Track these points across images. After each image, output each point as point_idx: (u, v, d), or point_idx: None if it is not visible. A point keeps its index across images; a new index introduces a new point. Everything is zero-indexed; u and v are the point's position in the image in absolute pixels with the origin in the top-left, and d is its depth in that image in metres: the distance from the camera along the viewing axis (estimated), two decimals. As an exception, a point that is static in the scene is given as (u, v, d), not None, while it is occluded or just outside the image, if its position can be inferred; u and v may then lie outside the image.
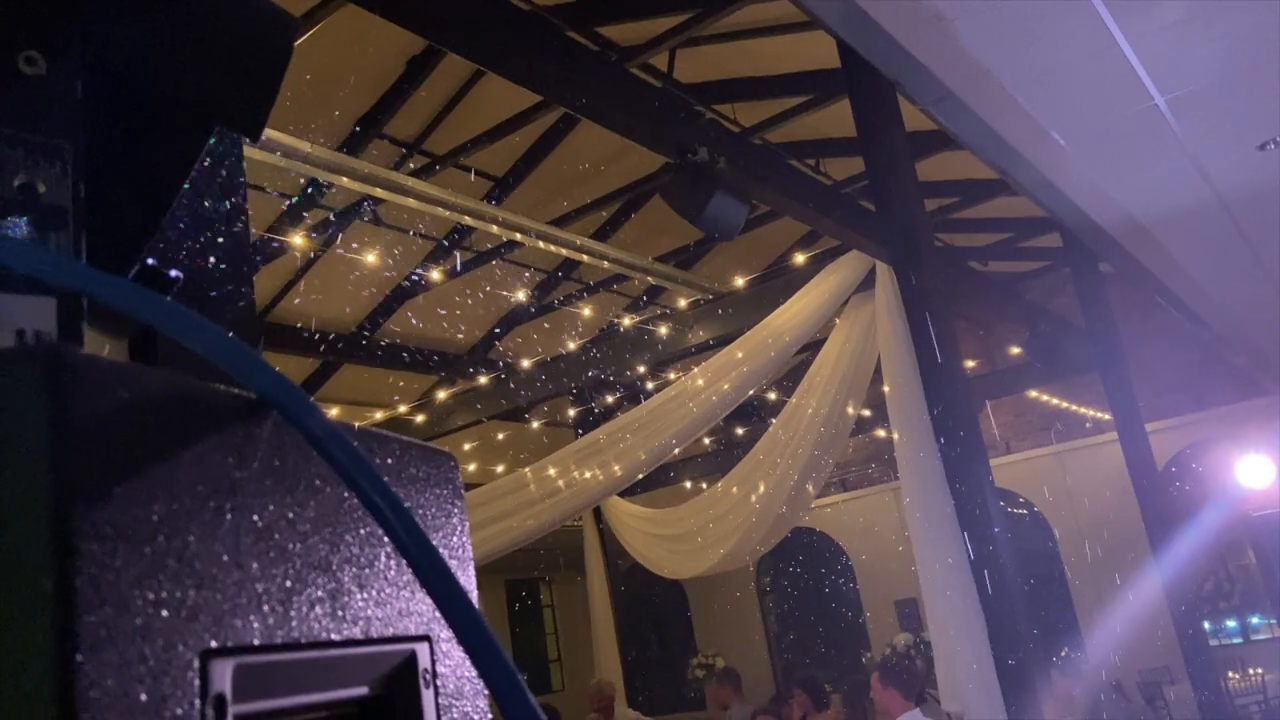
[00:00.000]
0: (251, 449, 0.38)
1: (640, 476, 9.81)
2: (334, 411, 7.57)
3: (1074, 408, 11.53)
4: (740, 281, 6.03)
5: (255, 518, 0.37)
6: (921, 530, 5.29)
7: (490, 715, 0.47)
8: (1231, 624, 11.18)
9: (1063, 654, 9.25)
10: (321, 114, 5.29)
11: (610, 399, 8.11)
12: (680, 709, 12.77)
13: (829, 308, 5.43)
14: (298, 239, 5.21)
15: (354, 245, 6.07)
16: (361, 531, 0.41)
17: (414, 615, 0.44)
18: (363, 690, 0.40)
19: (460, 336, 8.12)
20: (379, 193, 5.08)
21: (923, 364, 5.31)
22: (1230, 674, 9.29)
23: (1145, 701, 9.03)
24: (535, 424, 8.96)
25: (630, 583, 12.13)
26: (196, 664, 0.33)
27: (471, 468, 7.97)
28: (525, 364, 6.01)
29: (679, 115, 4.31)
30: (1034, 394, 11.20)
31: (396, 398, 7.63)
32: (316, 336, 6.90)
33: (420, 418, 6.40)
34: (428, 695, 0.42)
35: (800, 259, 5.76)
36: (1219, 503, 6.87)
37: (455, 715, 0.44)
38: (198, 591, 0.34)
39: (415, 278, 7.05)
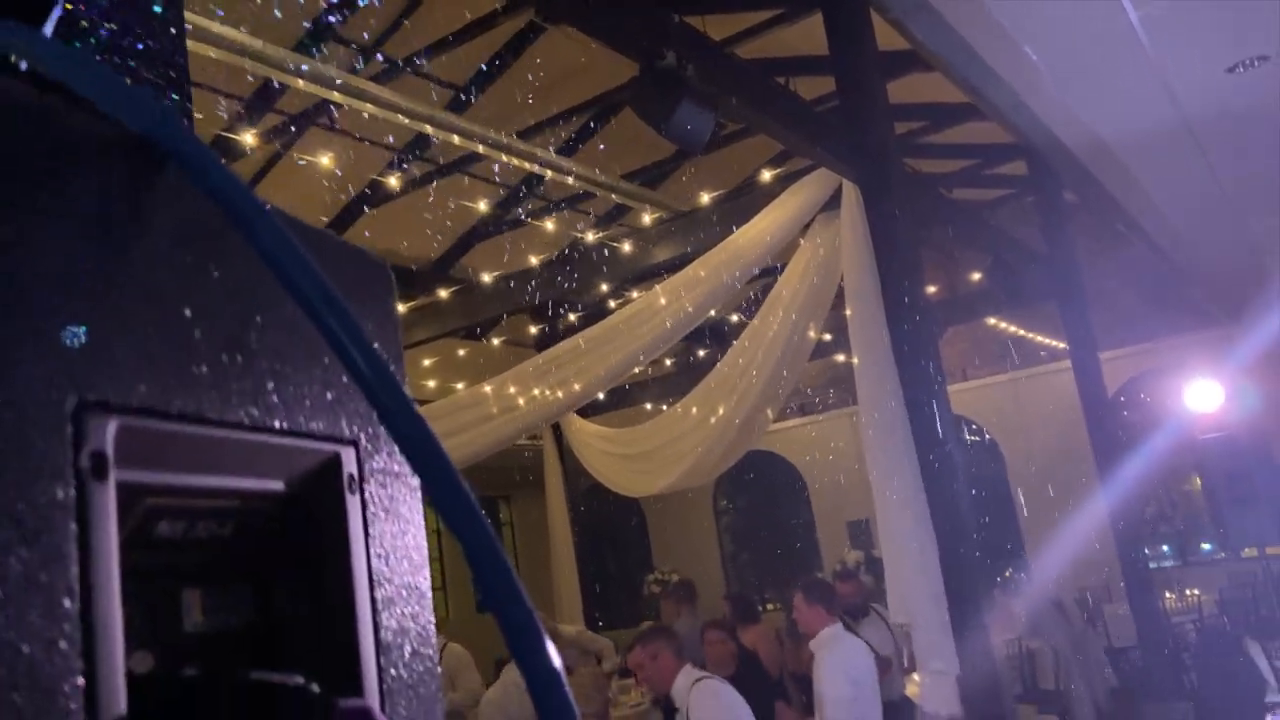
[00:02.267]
0: (134, 194, 0.34)
1: (600, 394, 9.83)
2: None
3: (1030, 336, 11.70)
4: (706, 199, 5.96)
5: (150, 274, 0.33)
6: (878, 452, 5.36)
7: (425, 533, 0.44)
8: (1170, 547, 11.60)
9: (1007, 574, 9.55)
10: (271, 11, 5.07)
11: (573, 317, 8.05)
12: (636, 624, 13.02)
13: (794, 227, 5.39)
14: (248, 138, 5.03)
15: (310, 153, 5.89)
16: (284, 317, 0.38)
17: (341, 418, 0.40)
18: (278, 486, 0.37)
19: (420, 251, 7.98)
20: (336, 96, 4.91)
21: (885, 287, 5.31)
22: (1167, 594, 9.67)
23: (1084, 618, 9.38)
24: (496, 341, 8.90)
25: (589, 501, 12.26)
26: (71, 414, 0.30)
27: (431, 384, 7.92)
28: (486, 279, 5.92)
29: (648, 20, 4.19)
30: (992, 321, 11.33)
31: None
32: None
33: (379, 331, 6.31)
34: (353, 501, 0.39)
35: (767, 176, 5.69)
36: (1165, 429, 7.04)
37: (385, 527, 0.41)
38: (75, 337, 0.30)
39: (373, 188, 6.88)
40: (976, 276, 8.94)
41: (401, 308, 4.86)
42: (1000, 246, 7.63)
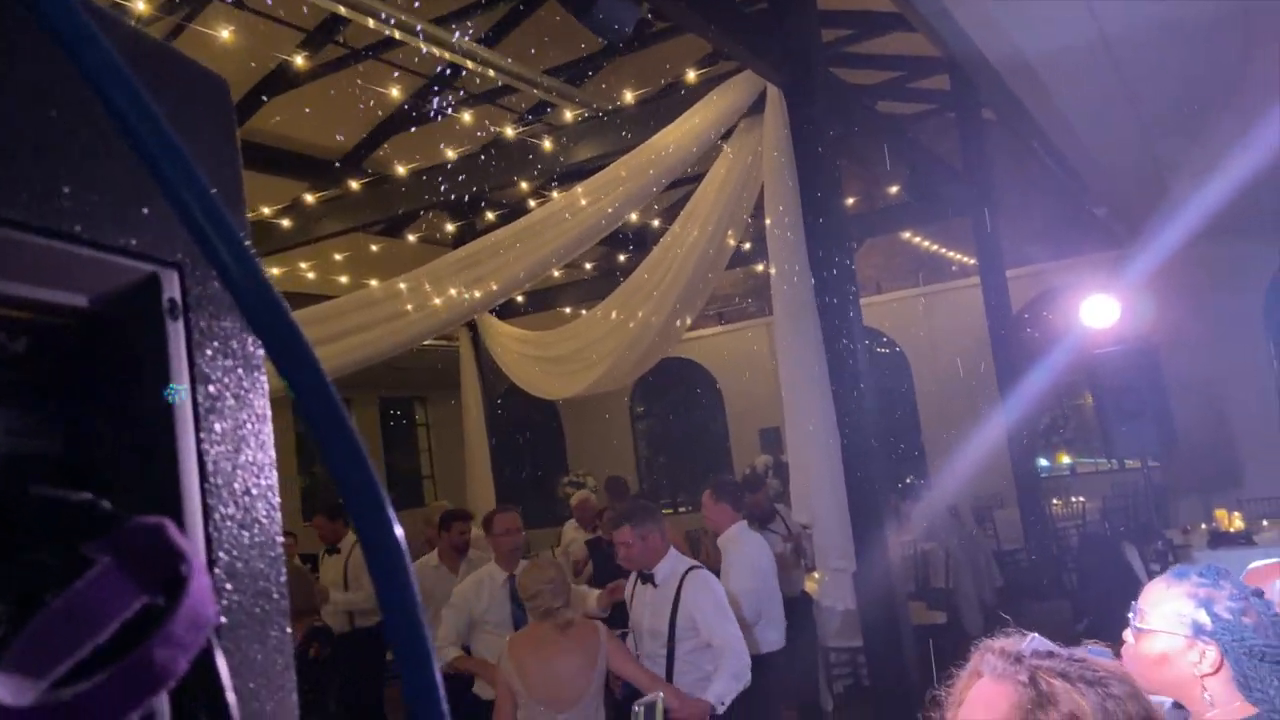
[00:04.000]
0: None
1: (519, 296, 9.74)
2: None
3: (942, 251, 11.95)
4: (630, 97, 5.83)
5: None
6: (789, 359, 5.45)
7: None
8: (1062, 458, 12.24)
9: (908, 480, 9.94)
10: None
11: (492, 215, 7.88)
12: (549, 525, 13.21)
13: (717, 129, 5.32)
14: (140, 4, 4.69)
15: (211, 27, 5.52)
16: (88, 115, 0.34)
17: (165, 239, 0.37)
18: (80, 301, 0.34)
19: (330, 141, 7.66)
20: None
21: (804, 195, 5.32)
22: (1055, 501, 10.23)
23: (976, 523, 9.88)
24: (412, 238, 8.68)
25: (506, 403, 12.25)
26: None
27: (343, 280, 7.71)
28: (401, 172, 5.73)
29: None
30: (907, 235, 11.52)
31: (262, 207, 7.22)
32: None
33: (286, 222, 6.07)
34: (174, 328, 0.36)
35: (692, 76, 5.59)
36: (1063, 345, 7.32)
37: (216, 361, 0.38)
38: None
39: (281, 72, 6.52)
40: (894, 190, 9.03)
41: (310, 199, 4.69)
42: (919, 160, 7.70)
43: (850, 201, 9.31)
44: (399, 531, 0.34)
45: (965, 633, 7.12)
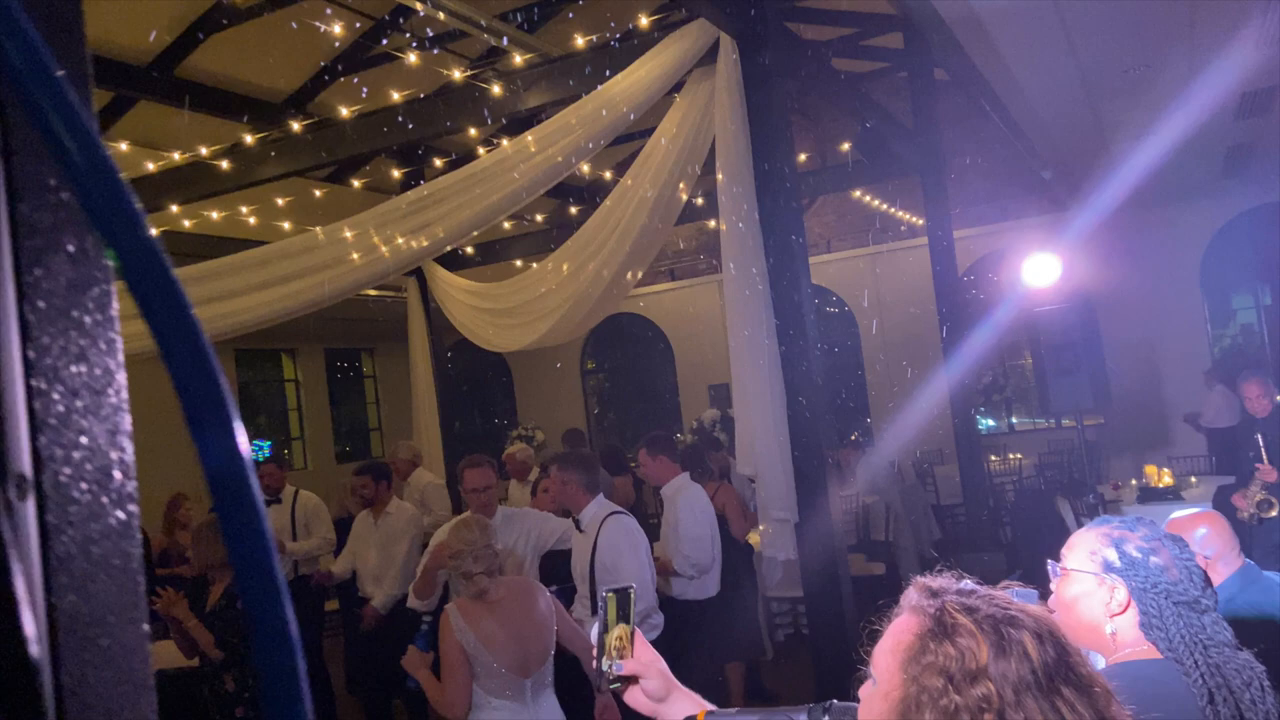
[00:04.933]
0: None
1: (468, 246, 9.62)
2: (123, 147, 6.87)
3: (892, 211, 12.04)
4: (581, 43, 5.73)
5: None
6: (737, 314, 5.47)
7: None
8: (1000, 416, 12.52)
9: (854, 437, 10.10)
10: None
11: (439, 163, 7.73)
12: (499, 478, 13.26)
13: (668, 79, 5.27)
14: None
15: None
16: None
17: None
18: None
19: (273, 82, 7.43)
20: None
21: (755, 149, 5.30)
22: (993, 457, 10.48)
23: (917, 478, 10.09)
24: (357, 184, 8.49)
25: (456, 356, 12.17)
26: None
27: (287, 225, 7.53)
28: (345, 114, 5.58)
29: None
30: (858, 194, 11.58)
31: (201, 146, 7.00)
32: (108, 66, 6.13)
33: (225, 163, 5.89)
34: None
35: (645, 22, 5.50)
36: (1005, 305, 7.45)
37: (50, 257, 0.36)
38: None
39: (219, 9, 6.29)
40: (846, 147, 9.05)
41: (251, 139, 4.54)
42: (871, 118, 7.71)
43: (802, 158, 9.32)
44: (244, 445, 0.32)
45: (903, 584, 7.30)
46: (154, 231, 0.33)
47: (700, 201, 8.71)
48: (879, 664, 1.10)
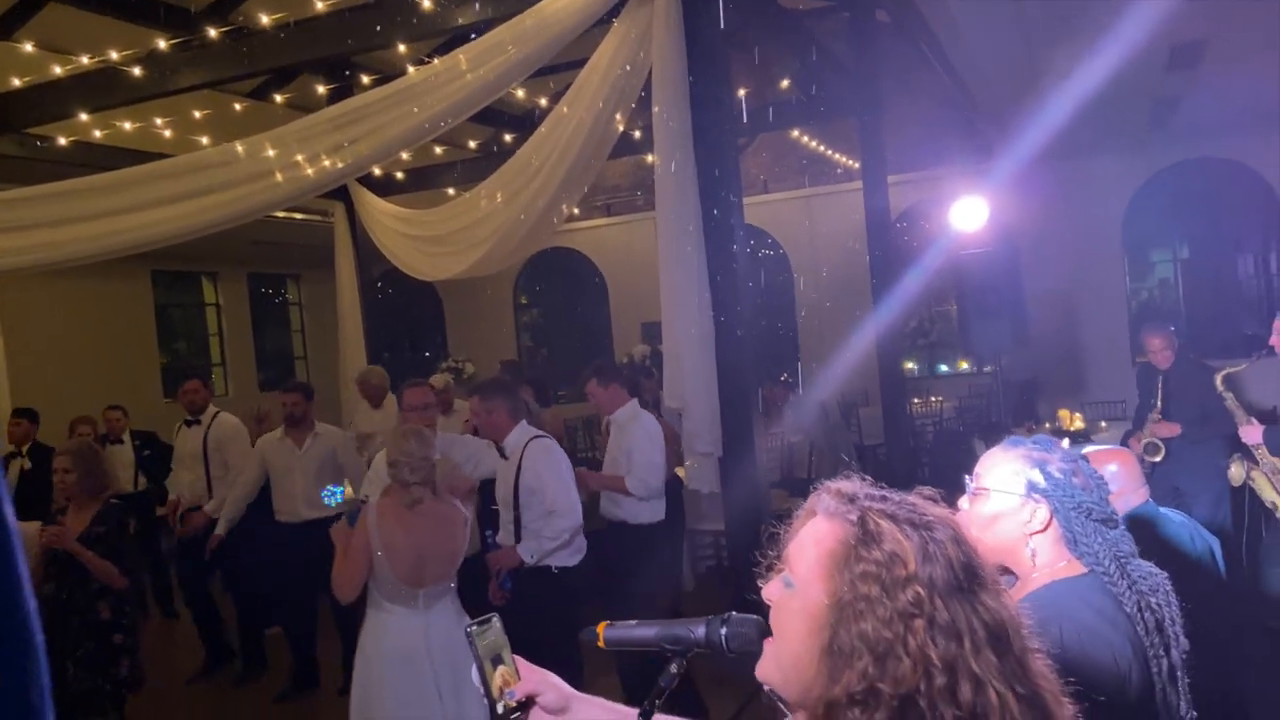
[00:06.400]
0: None
1: (398, 171, 9.35)
2: (29, 49, 6.46)
3: (829, 153, 12.05)
4: (517, -40, 5.51)
5: None
6: (669, 248, 5.42)
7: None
8: (923, 359, 12.80)
9: (784, 377, 10.22)
10: None
11: (367, 80, 7.44)
12: (427, 410, 13.14)
13: (606, 1, 5.12)
14: None
15: None
16: None
17: None
18: None
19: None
20: None
21: (694, 82, 5.21)
22: (915, 400, 10.73)
23: (842, 417, 10.29)
24: (280, 99, 8.16)
25: (385, 285, 11.91)
26: None
27: (205, 140, 7.21)
28: (265, 22, 5.31)
29: None
30: (796, 135, 11.55)
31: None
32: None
33: (137, 70, 5.57)
34: None
35: (582, -59, 5.31)
36: (934, 250, 7.56)
37: None
38: None
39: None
40: (785, 84, 8.99)
41: (164, 44, 4.28)
42: (810, 52, 7.65)
43: (741, 93, 9.22)
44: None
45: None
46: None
47: (638, 135, 8.58)
48: (798, 569, 1.09)
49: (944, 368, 12.70)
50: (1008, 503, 1.85)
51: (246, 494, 6.00)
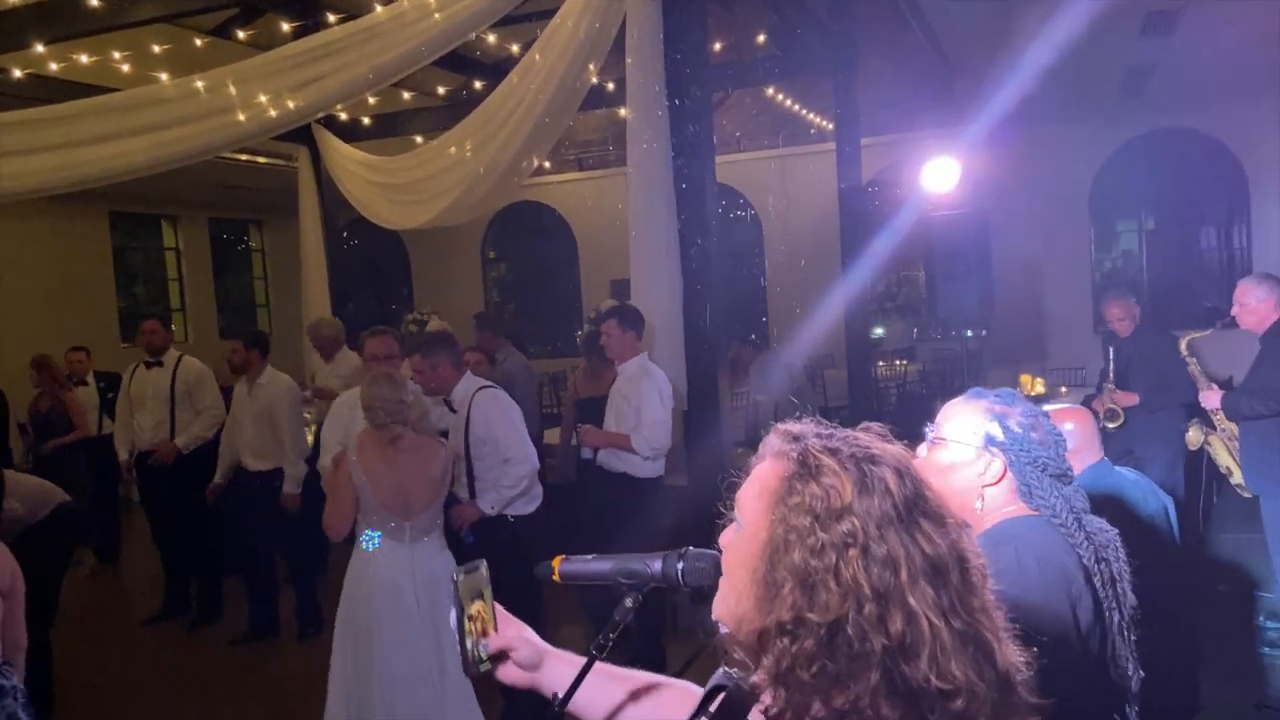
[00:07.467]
0: None
1: (365, 116, 9.15)
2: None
3: (804, 113, 11.97)
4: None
5: None
6: (640, 206, 5.37)
7: None
8: (889, 323, 12.87)
9: (752, 338, 10.23)
10: None
11: (334, 19, 7.23)
12: (391, 362, 13.03)
13: (580, -57, 5.00)
14: None
15: None
16: None
17: None
18: None
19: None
20: None
21: (668, 34, 5.12)
22: (880, 363, 10.80)
23: (808, 379, 10.33)
24: (242, 36, 7.93)
25: (352, 234, 11.73)
26: None
27: (164, 77, 6.99)
28: (226, -47, 5.13)
29: None
30: (771, 93, 11.45)
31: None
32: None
33: (94, 1, 5.37)
34: None
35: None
36: (904, 212, 7.54)
37: None
38: None
39: None
40: (761, 39, 8.88)
41: (121, -24, 4.10)
42: (787, 10, 7.56)
43: (716, 47, 9.11)
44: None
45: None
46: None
47: (611, 87, 8.45)
48: (744, 509, 1.09)
49: (921, 330, 12.70)
50: (964, 454, 1.85)
51: (212, 424, 6.05)
